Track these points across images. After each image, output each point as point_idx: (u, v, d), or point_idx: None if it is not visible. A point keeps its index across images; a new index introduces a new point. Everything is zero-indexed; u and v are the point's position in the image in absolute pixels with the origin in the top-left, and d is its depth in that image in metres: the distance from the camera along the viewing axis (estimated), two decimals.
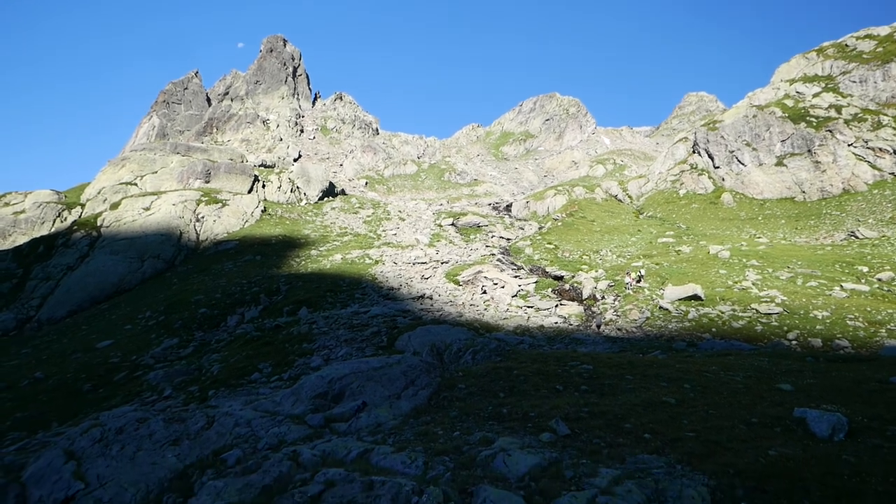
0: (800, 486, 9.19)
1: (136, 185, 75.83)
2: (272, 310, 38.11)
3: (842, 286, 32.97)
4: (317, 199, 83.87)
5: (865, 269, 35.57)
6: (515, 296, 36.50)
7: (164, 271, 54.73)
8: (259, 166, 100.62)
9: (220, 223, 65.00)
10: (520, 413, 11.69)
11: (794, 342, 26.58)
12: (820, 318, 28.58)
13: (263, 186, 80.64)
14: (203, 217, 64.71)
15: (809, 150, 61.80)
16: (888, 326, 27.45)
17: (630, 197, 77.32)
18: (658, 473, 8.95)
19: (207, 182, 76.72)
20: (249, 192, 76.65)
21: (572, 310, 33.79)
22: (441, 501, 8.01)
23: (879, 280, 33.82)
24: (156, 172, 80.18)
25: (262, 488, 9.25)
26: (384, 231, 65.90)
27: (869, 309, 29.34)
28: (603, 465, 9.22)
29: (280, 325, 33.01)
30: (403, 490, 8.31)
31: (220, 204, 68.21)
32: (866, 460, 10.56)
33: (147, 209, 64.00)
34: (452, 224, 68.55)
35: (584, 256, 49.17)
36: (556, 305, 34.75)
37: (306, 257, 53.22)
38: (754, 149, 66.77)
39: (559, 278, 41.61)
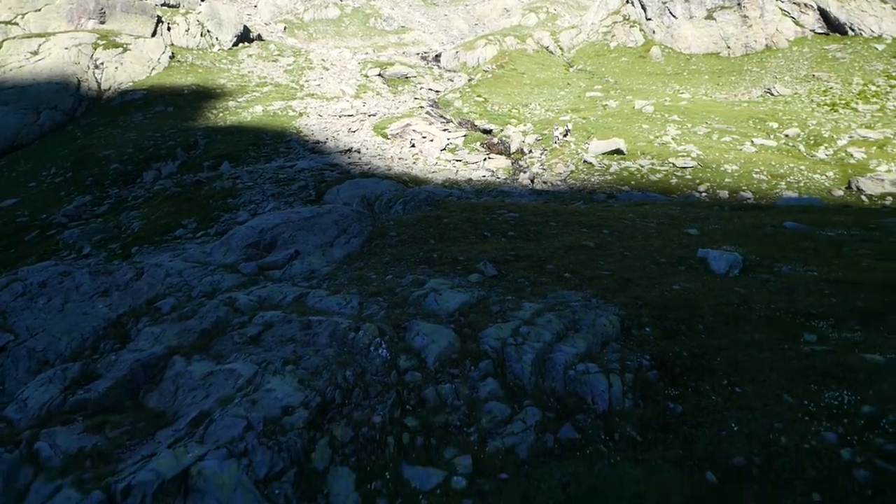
0: (696, 314, 10.38)
1: (17, 24, 66.63)
2: (191, 165, 36.38)
3: (752, 141, 34.83)
4: (231, 45, 77.01)
5: (775, 126, 37.49)
6: (444, 149, 36.40)
7: (65, 124, 50.28)
8: (161, 5, 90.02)
9: (124, 70, 59.16)
10: (450, 257, 12.23)
11: (703, 194, 28.42)
12: (729, 171, 30.42)
13: (169, 29, 72.88)
14: (103, 64, 58.53)
15: (739, 4, 61.65)
16: (788, 179, 29.70)
17: (561, 49, 75.68)
18: (575, 306, 9.83)
19: (103, 23, 68.36)
20: (153, 35, 69.24)
21: (500, 163, 34.24)
22: (376, 336, 8.56)
23: (787, 136, 35.86)
24: (39, 10, 70.32)
25: (201, 332, 9.49)
26: (307, 81, 62.26)
27: (773, 163, 31.41)
28: (526, 300, 10.00)
29: (201, 180, 31.77)
30: (340, 327, 8.77)
31: (120, 49, 61.53)
32: (754, 291, 11.94)
33: (35, 53, 57.00)
34: (379, 75, 65.48)
35: (514, 110, 48.92)
36: (485, 159, 35.05)
37: (224, 109, 50.05)
38: (686, 0, 65.87)
39: (488, 132, 41.52)
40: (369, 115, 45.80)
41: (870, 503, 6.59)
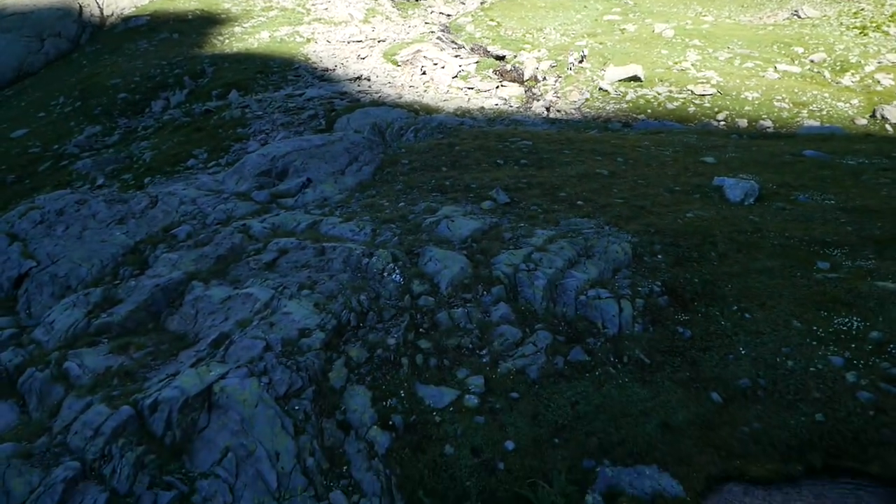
0: (709, 241, 10.35)
1: None
2: (199, 94, 35.83)
3: (776, 67, 33.52)
4: None
5: (801, 50, 35.94)
6: (456, 77, 35.44)
7: (70, 52, 49.33)
8: None
9: None
10: (462, 185, 12.17)
11: (722, 123, 27.66)
12: (750, 99, 29.47)
13: None
14: None
15: None
16: (810, 107, 28.76)
17: None
18: (588, 233, 9.83)
19: None
20: None
21: (513, 91, 33.38)
22: (390, 261, 8.66)
23: (812, 61, 34.44)
24: None
25: (217, 258, 9.65)
26: (314, 6, 60.09)
27: (796, 90, 30.33)
28: (539, 227, 10.00)
29: (210, 109, 31.37)
30: (354, 254, 8.88)
31: None
32: (768, 220, 11.84)
33: None
34: None
35: (528, 35, 47.19)
36: (497, 87, 34.15)
37: (230, 35, 48.70)
38: None
39: (501, 58, 40.22)
40: (378, 41, 44.43)
41: (871, 423, 6.78)
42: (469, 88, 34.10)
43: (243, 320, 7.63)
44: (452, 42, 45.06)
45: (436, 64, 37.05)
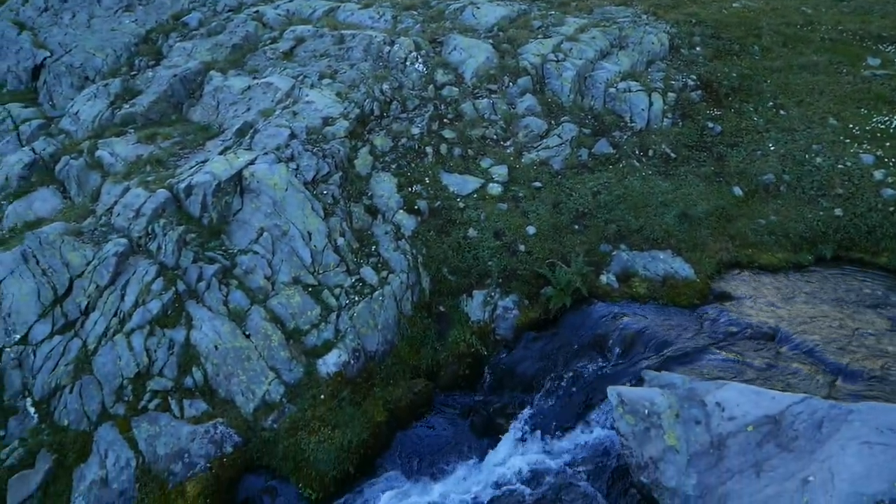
0: (753, 33, 9.63)
1: None
2: None
3: None
4: None
5: None
6: None
7: None
8: None
9: None
10: None
11: None
12: None
13: None
14: None
15: None
16: None
17: None
18: (623, 22, 9.15)
19: None
20: None
21: None
22: (412, 50, 8.27)
23: None
24: None
25: (232, 47, 9.27)
26: None
27: None
28: (571, 15, 9.31)
29: None
30: (375, 41, 8.46)
31: None
32: (823, 12, 10.85)
33: None
34: None
35: None
36: None
37: None
38: None
39: None
40: None
41: (889, 218, 6.84)
42: None
43: (266, 110, 7.57)
44: None
45: None
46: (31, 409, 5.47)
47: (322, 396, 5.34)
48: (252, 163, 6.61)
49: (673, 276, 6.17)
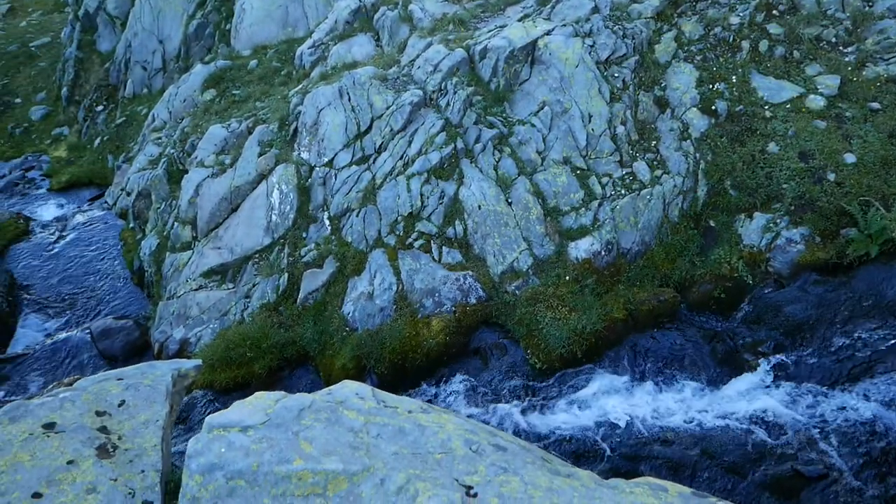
0: None
1: None
2: None
3: None
4: None
5: None
6: None
7: None
8: None
9: None
10: None
11: None
12: None
13: None
14: None
15: None
16: None
17: None
18: None
19: None
20: None
21: None
22: None
23: None
24: None
25: None
26: None
27: None
28: None
29: None
30: None
31: None
32: None
33: None
34: None
35: None
36: None
37: None
38: None
39: None
40: None
41: None
42: None
43: None
44: None
45: None
46: (327, 222, 6.51)
47: (567, 278, 5.42)
48: (548, 33, 6.48)
49: None
